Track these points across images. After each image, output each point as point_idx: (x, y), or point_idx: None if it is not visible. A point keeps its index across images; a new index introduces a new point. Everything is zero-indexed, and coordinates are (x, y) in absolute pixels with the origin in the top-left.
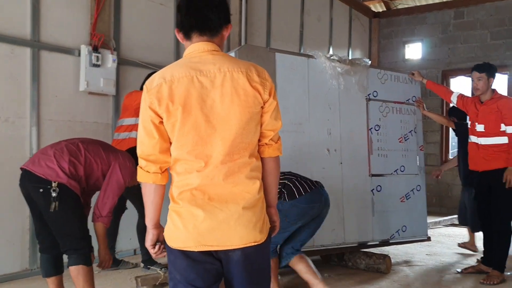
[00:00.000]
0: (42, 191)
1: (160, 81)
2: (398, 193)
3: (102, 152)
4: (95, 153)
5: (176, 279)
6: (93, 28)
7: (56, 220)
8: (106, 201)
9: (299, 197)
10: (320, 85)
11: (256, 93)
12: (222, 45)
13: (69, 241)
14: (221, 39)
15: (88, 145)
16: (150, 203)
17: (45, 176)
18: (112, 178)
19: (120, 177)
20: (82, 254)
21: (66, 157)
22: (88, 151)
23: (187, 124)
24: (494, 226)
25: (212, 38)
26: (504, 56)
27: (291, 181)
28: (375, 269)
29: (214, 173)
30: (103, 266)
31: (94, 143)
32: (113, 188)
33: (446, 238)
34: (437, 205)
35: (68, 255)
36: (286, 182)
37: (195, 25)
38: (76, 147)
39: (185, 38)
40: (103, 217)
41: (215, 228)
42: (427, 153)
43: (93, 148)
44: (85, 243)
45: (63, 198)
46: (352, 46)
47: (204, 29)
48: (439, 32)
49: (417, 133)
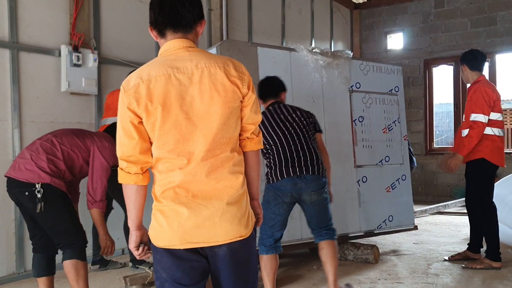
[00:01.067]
0: (28, 194)
1: (137, 81)
2: (383, 183)
3: (77, 141)
4: (71, 144)
5: (162, 277)
6: (73, 27)
7: (47, 220)
8: (96, 186)
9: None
10: (303, 78)
11: (234, 87)
12: (197, 41)
13: (62, 237)
14: (195, 35)
15: (62, 137)
16: (132, 205)
17: (27, 180)
18: (96, 163)
19: (102, 159)
20: (76, 248)
21: (43, 156)
22: (64, 144)
23: (167, 122)
24: (476, 213)
25: (186, 35)
26: (485, 43)
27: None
28: (363, 260)
29: (197, 170)
30: (106, 253)
31: (67, 133)
32: (99, 172)
33: (433, 227)
34: (423, 194)
35: (63, 251)
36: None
37: (168, 23)
38: (51, 144)
39: (159, 36)
40: (97, 202)
41: (200, 225)
42: (411, 143)
43: (67, 139)
44: (79, 238)
45: (49, 198)
46: (334, 38)
47: (178, 26)
48: (420, 21)
49: (401, 123)
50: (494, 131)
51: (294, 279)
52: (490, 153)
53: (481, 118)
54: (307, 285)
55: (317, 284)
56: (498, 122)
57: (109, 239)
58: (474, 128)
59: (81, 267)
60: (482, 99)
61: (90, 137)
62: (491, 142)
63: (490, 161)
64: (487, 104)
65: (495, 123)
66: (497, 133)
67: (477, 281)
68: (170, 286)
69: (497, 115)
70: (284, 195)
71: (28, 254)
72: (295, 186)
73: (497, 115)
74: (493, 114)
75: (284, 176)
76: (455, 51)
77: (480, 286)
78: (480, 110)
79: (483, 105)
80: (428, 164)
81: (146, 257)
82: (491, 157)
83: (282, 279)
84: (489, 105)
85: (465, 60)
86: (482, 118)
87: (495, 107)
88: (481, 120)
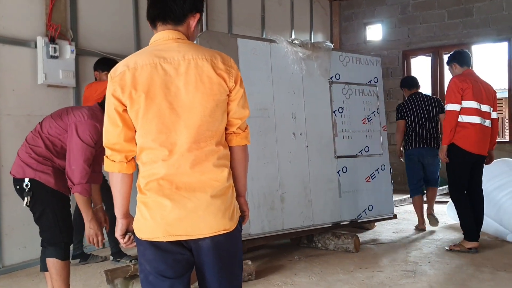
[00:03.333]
0: (18, 188)
1: (123, 69)
2: (363, 173)
3: (55, 123)
4: (48, 127)
5: (146, 270)
6: (49, 18)
7: (34, 215)
8: (73, 168)
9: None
10: (284, 69)
11: (221, 80)
12: (191, 33)
13: (45, 234)
14: (187, 27)
15: (42, 123)
16: (118, 193)
17: (15, 175)
18: (71, 142)
19: (76, 137)
20: (57, 247)
21: (27, 148)
22: (42, 130)
23: (150, 111)
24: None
25: (176, 27)
26: (462, 34)
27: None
28: (344, 249)
29: (180, 162)
30: (91, 242)
31: (48, 117)
32: (74, 152)
33: (412, 215)
34: (402, 183)
35: (45, 248)
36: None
37: (157, 15)
38: (34, 132)
39: (151, 26)
40: (75, 186)
41: (184, 217)
42: (390, 133)
43: (45, 123)
44: (62, 237)
45: (35, 193)
46: (314, 29)
47: (166, 18)
48: (399, 12)
49: (380, 114)
50: (464, 118)
51: (276, 269)
52: (459, 139)
53: (450, 107)
54: (289, 274)
55: (298, 274)
56: (470, 109)
57: (93, 227)
58: (446, 117)
59: (61, 266)
60: (451, 89)
61: (72, 114)
62: (462, 128)
63: (461, 146)
64: (454, 93)
65: (466, 111)
66: (470, 120)
67: (454, 268)
68: (154, 278)
69: (470, 103)
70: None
71: (6, 249)
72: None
73: (470, 103)
74: (465, 102)
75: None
76: (433, 42)
77: (457, 272)
78: (449, 100)
79: (450, 95)
80: None
81: (132, 246)
82: (460, 142)
83: (264, 269)
84: (458, 93)
85: (454, 59)
86: (451, 107)
87: (465, 95)
88: (450, 108)
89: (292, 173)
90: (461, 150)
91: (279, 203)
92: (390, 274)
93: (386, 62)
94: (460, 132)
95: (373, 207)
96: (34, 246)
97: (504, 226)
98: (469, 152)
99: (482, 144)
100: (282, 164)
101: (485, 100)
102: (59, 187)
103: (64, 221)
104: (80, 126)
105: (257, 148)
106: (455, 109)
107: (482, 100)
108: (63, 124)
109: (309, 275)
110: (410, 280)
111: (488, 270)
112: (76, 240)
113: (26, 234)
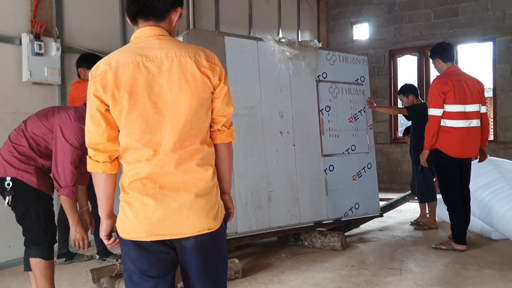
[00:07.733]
0: (0, 187)
1: (105, 68)
2: (350, 172)
3: (40, 122)
4: (33, 127)
5: (130, 269)
6: (34, 15)
7: (16, 214)
8: (60, 170)
9: None
10: (271, 68)
11: (205, 78)
12: (172, 29)
13: (27, 234)
14: (169, 23)
15: (27, 121)
16: (102, 193)
17: None
18: (57, 145)
19: (62, 140)
20: (41, 247)
21: (9, 147)
22: (26, 129)
23: (134, 111)
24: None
25: (159, 23)
26: (448, 34)
27: None
28: (330, 247)
29: (164, 162)
30: (76, 246)
31: (33, 116)
32: (61, 155)
33: (397, 214)
34: (388, 182)
35: (28, 248)
36: None
37: (139, 11)
38: (18, 131)
39: (132, 23)
40: (62, 189)
41: (167, 217)
42: (376, 132)
43: (30, 122)
44: (46, 237)
45: (17, 192)
46: (301, 28)
47: (148, 15)
48: (385, 12)
49: (367, 113)
50: (447, 122)
51: (263, 267)
52: (443, 144)
53: (432, 111)
54: (276, 273)
55: (285, 272)
56: (453, 113)
57: (79, 231)
58: (429, 122)
59: (45, 266)
60: (432, 93)
61: (56, 114)
62: (445, 133)
63: (444, 151)
64: (436, 97)
65: (449, 115)
66: (453, 124)
67: (440, 266)
68: (138, 278)
69: (452, 107)
70: None
71: None
72: None
73: (452, 107)
74: (447, 106)
75: None
76: (419, 42)
77: (442, 270)
78: (431, 105)
79: (432, 99)
80: (393, 153)
81: (117, 247)
82: (444, 147)
83: (251, 267)
84: (440, 97)
85: (437, 54)
86: (433, 111)
87: (447, 98)
88: (432, 113)
89: (279, 171)
90: (445, 155)
91: (266, 201)
92: (376, 272)
93: (372, 61)
94: (443, 137)
95: (360, 206)
96: (19, 245)
97: (489, 224)
98: (452, 157)
99: (467, 147)
100: (269, 162)
101: (470, 100)
102: (42, 187)
103: (47, 220)
104: (66, 128)
105: (244, 147)
106: (437, 114)
107: (467, 100)
108: (48, 124)
109: (296, 273)
110: (396, 278)
111: (473, 268)
112: (61, 239)
113: (11, 233)
